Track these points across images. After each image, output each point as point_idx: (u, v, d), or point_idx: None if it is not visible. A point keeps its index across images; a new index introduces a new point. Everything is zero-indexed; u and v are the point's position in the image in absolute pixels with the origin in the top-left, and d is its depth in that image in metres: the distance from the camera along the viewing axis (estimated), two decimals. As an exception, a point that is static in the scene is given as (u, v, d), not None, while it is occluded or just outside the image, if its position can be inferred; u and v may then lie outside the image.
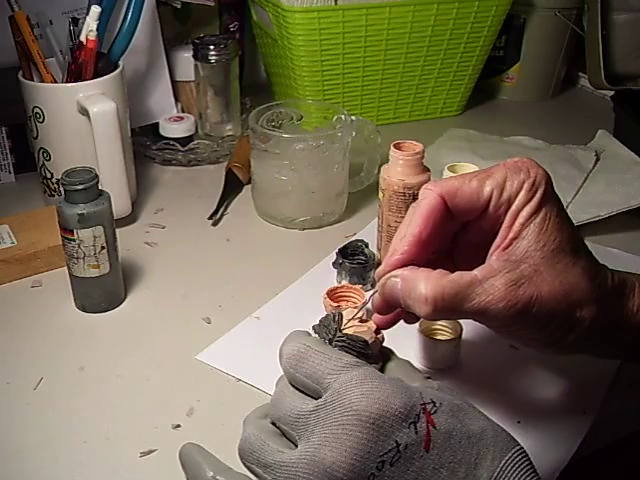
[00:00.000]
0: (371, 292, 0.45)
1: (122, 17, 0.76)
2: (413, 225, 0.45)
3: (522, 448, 0.38)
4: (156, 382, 0.55)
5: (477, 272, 0.41)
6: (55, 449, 0.48)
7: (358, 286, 0.61)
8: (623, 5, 1.00)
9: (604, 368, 0.55)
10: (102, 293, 0.62)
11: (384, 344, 0.43)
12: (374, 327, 0.43)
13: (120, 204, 0.70)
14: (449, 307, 0.41)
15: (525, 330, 0.42)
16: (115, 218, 0.61)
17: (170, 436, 0.49)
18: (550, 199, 0.43)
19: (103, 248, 0.60)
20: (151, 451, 0.48)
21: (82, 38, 0.71)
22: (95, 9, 0.70)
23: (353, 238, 0.70)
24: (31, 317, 0.62)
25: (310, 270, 0.68)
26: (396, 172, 0.63)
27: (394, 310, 0.45)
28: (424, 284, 0.41)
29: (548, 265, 0.41)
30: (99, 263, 0.60)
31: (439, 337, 0.56)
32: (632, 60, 1.02)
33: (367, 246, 0.65)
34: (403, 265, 0.44)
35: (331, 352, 0.40)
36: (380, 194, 0.65)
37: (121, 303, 0.64)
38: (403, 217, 0.63)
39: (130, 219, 0.76)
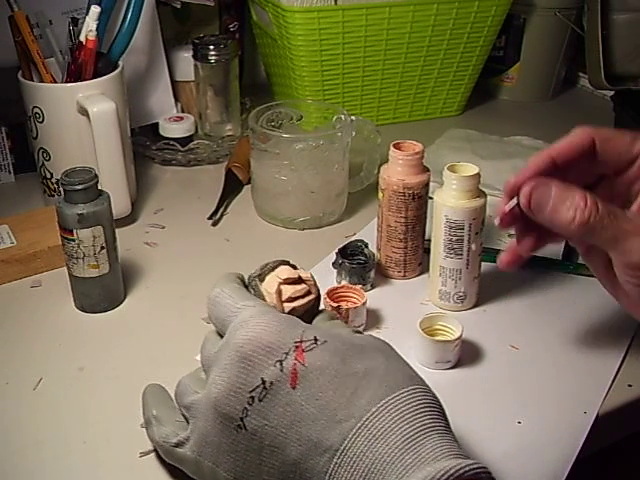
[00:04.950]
0: (513, 201, 0.45)
1: (122, 17, 0.76)
2: (554, 146, 0.46)
3: (416, 389, 0.37)
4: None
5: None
6: (54, 449, 0.48)
7: (358, 286, 0.61)
8: (623, 5, 1.00)
9: (604, 368, 0.55)
10: (102, 293, 0.62)
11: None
12: (288, 302, 0.44)
13: (120, 204, 0.70)
14: (598, 223, 0.42)
15: None
16: (115, 218, 0.61)
17: (170, 436, 0.49)
18: None
19: (103, 248, 0.60)
20: (151, 451, 0.48)
21: (82, 38, 0.71)
22: (95, 9, 0.70)
23: (353, 238, 0.70)
24: (31, 317, 0.62)
25: (310, 270, 0.67)
26: (396, 172, 0.63)
27: (519, 222, 0.47)
28: (582, 193, 0.42)
29: None
30: (99, 263, 0.60)
31: (439, 337, 0.56)
32: (632, 60, 1.02)
33: (367, 246, 0.65)
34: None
35: (239, 295, 0.42)
36: (380, 194, 0.65)
37: (121, 303, 0.64)
38: (403, 217, 0.64)
39: (130, 219, 0.76)
